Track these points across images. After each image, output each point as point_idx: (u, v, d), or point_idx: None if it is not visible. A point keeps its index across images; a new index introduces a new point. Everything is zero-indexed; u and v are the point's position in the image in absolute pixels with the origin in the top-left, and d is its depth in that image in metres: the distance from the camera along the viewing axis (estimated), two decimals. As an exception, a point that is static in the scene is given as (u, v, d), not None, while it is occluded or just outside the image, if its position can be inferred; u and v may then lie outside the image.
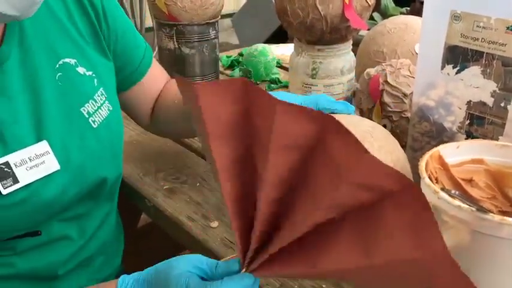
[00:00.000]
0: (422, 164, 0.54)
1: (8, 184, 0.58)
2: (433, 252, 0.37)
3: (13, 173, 0.59)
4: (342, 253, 0.40)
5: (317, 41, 0.88)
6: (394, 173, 0.36)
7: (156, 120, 0.86)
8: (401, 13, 2.12)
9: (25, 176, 0.59)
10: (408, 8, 2.19)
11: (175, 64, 1.14)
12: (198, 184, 0.83)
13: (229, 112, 0.42)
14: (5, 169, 0.58)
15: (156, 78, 0.86)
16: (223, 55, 1.38)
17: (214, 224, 0.72)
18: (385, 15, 2.14)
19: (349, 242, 0.40)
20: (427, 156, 0.56)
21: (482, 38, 0.63)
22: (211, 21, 1.11)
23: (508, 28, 0.60)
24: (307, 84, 0.92)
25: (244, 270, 0.46)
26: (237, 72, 1.26)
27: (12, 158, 0.59)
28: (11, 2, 0.52)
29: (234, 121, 0.43)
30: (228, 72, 1.31)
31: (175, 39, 1.10)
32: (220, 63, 1.31)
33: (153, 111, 0.86)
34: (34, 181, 0.60)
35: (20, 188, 0.59)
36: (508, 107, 0.64)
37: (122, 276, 0.52)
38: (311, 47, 0.90)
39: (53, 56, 0.65)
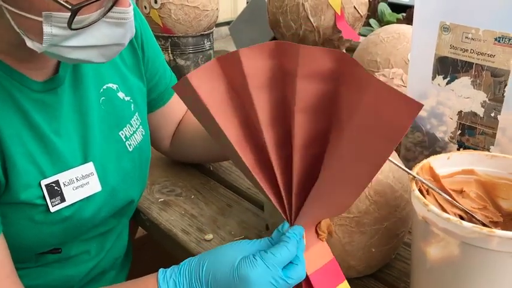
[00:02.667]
0: (411, 177, 0.54)
1: (56, 202, 0.60)
2: (372, 86, 0.42)
3: (61, 191, 0.61)
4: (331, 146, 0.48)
5: (310, 52, 0.89)
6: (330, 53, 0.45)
7: (179, 144, 0.88)
8: (398, 19, 2.12)
9: (71, 195, 0.62)
10: (404, 14, 2.20)
11: (170, 76, 1.15)
12: (192, 197, 0.83)
13: (267, 66, 0.49)
14: (55, 187, 0.60)
15: (180, 104, 0.87)
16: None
17: (209, 236, 0.73)
18: (381, 21, 2.14)
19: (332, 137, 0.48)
20: (417, 168, 0.56)
21: (471, 49, 0.64)
22: (206, 32, 1.12)
23: (496, 39, 0.61)
24: (301, 94, 0.92)
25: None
26: (232, 82, 1.27)
27: (62, 177, 0.61)
28: (103, 53, 0.55)
29: (270, 74, 0.50)
30: (224, 82, 1.31)
31: (170, 51, 1.11)
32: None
33: (174, 136, 0.88)
34: (77, 201, 0.62)
35: (65, 206, 0.61)
36: (498, 116, 0.64)
37: (160, 270, 0.54)
38: (304, 58, 0.90)
39: (98, 81, 0.67)
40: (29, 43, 0.52)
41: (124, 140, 0.70)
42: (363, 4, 0.86)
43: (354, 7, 0.84)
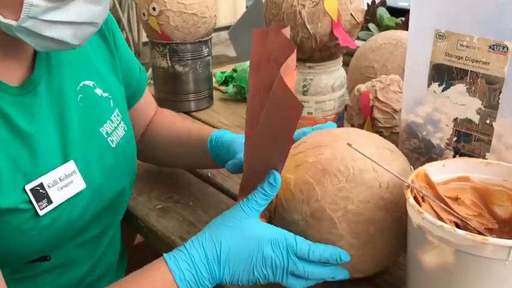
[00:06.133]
0: (406, 185, 0.55)
1: (44, 205, 0.60)
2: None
3: (47, 194, 0.60)
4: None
5: (307, 59, 0.89)
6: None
7: (147, 145, 0.88)
8: (397, 23, 2.13)
9: (57, 196, 0.61)
10: (403, 19, 2.20)
11: (169, 82, 1.15)
12: (191, 203, 0.84)
13: (260, 53, 0.60)
14: (40, 190, 0.60)
15: (149, 103, 0.89)
16: (217, 71, 1.39)
17: (207, 243, 0.73)
18: (380, 25, 2.15)
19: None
20: (412, 176, 0.57)
21: (466, 57, 0.64)
22: (204, 39, 1.13)
23: (490, 47, 0.61)
24: (298, 101, 0.93)
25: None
26: (231, 89, 1.27)
27: (45, 179, 0.61)
28: (77, 33, 0.56)
29: (258, 60, 0.59)
30: (222, 88, 1.32)
31: (168, 58, 1.11)
32: (214, 79, 1.32)
33: (142, 138, 0.89)
34: (64, 201, 0.62)
35: (53, 208, 0.61)
36: (494, 123, 0.65)
37: (165, 255, 0.57)
38: (302, 65, 0.90)
39: (74, 78, 0.68)
40: (1, 21, 0.52)
41: (106, 136, 0.70)
42: (359, 11, 0.86)
43: (351, 14, 0.84)
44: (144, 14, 1.09)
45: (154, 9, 1.06)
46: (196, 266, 0.55)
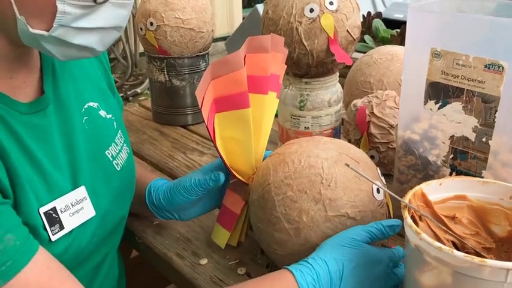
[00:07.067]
0: (404, 204, 0.55)
1: (56, 230, 0.58)
2: None
3: (59, 219, 0.58)
4: None
5: (304, 74, 0.89)
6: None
7: None
8: (392, 35, 2.14)
9: (69, 222, 0.59)
10: (398, 30, 2.22)
11: (166, 96, 1.15)
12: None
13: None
14: (53, 215, 0.58)
15: None
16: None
17: (203, 261, 0.73)
18: (376, 37, 2.16)
19: None
20: (410, 195, 0.57)
21: (462, 75, 0.65)
22: (201, 53, 1.13)
23: (485, 66, 0.62)
24: (295, 116, 0.93)
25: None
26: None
27: (58, 204, 0.59)
28: (103, 39, 0.56)
29: None
30: (220, 101, 1.32)
31: (166, 72, 1.12)
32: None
33: None
34: (74, 228, 0.60)
35: (65, 235, 0.59)
36: (490, 141, 0.65)
37: (292, 268, 0.56)
38: (298, 80, 0.91)
39: (79, 100, 0.66)
40: (28, 34, 0.51)
41: (111, 159, 0.68)
42: (356, 27, 0.87)
43: (347, 31, 0.85)
44: (141, 29, 1.09)
45: (151, 24, 1.06)
46: (320, 282, 0.55)
